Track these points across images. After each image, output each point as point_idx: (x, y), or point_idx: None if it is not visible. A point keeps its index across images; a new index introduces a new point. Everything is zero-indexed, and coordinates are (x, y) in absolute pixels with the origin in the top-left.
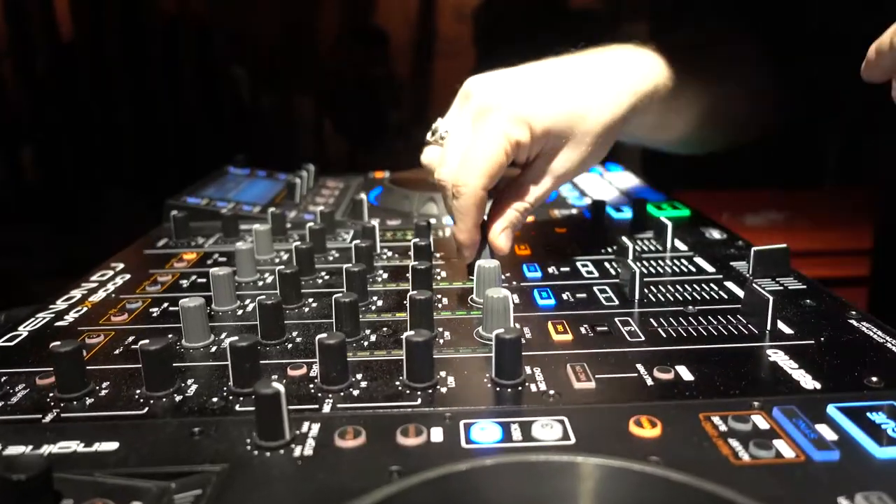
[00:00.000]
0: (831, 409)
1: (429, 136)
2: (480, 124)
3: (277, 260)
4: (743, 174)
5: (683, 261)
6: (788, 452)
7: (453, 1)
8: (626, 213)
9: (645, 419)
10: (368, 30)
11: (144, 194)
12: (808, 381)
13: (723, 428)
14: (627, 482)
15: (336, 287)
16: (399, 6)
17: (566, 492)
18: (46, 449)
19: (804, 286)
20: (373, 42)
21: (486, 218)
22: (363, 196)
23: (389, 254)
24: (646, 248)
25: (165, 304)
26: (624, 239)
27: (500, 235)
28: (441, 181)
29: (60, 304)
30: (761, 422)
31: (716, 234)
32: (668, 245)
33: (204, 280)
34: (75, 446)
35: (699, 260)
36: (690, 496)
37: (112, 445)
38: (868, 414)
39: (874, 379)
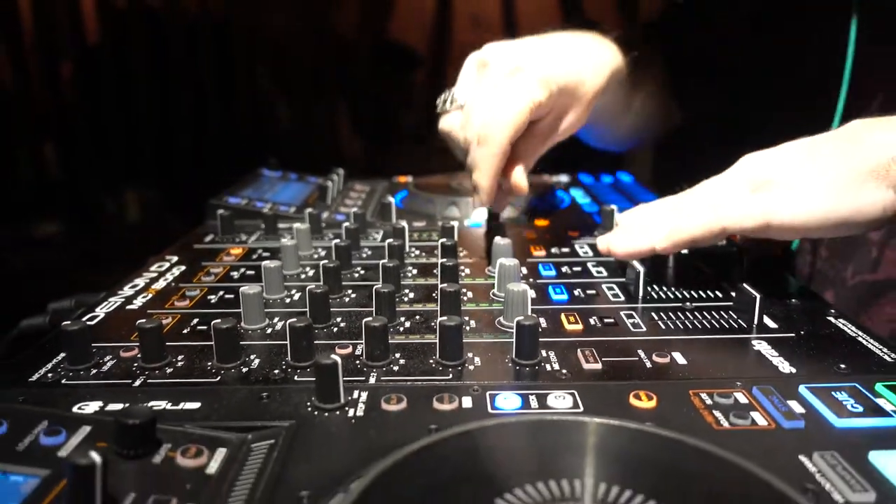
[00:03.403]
0: (802, 389)
1: (443, 105)
2: (507, 84)
3: (316, 256)
4: None
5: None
6: (762, 421)
7: (469, 8)
8: None
9: (643, 393)
10: (397, 50)
11: (162, 192)
12: (785, 367)
13: (709, 402)
14: (626, 438)
15: (371, 280)
16: (416, 13)
17: (575, 445)
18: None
19: (793, 288)
20: (402, 64)
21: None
22: (391, 199)
23: (417, 252)
24: None
25: (221, 293)
26: None
27: (521, 178)
28: (467, 138)
29: (128, 291)
30: (742, 398)
31: None
32: None
33: (252, 272)
34: (164, 405)
35: (700, 263)
36: (675, 448)
37: (195, 405)
38: (833, 392)
39: (842, 366)
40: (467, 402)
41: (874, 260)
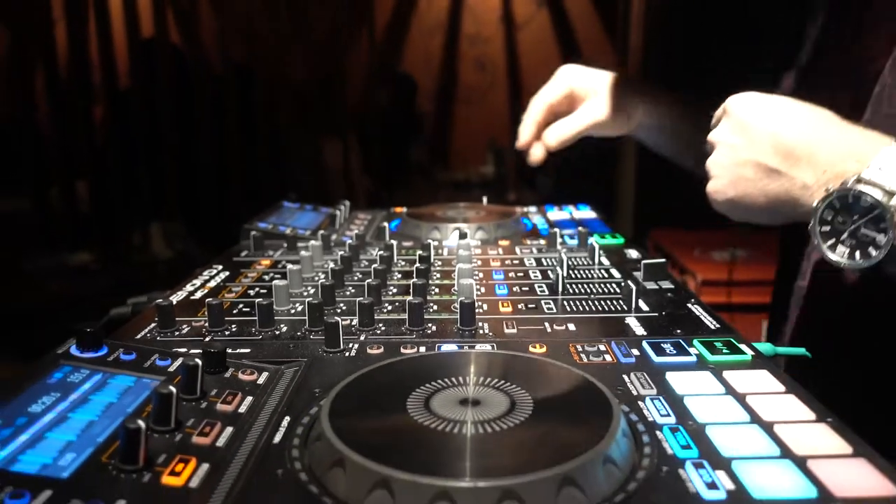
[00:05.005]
0: (644, 343)
1: None
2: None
3: (326, 266)
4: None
5: (603, 271)
6: (608, 359)
7: (474, 52)
8: (575, 241)
9: (538, 345)
10: (397, 73)
11: (187, 226)
12: (640, 331)
13: (580, 350)
14: (497, 358)
15: None
16: (424, 57)
17: (465, 362)
18: None
19: (673, 286)
20: (400, 84)
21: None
22: (386, 225)
23: (403, 263)
24: (580, 263)
25: (258, 289)
26: (562, 254)
27: (550, 138)
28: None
29: (189, 287)
30: (602, 347)
31: (634, 255)
32: (596, 261)
33: (279, 276)
34: (227, 350)
35: (613, 270)
36: (523, 360)
37: (246, 350)
38: (662, 344)
39: (679, 330)
40: (423, 349)
41: None
